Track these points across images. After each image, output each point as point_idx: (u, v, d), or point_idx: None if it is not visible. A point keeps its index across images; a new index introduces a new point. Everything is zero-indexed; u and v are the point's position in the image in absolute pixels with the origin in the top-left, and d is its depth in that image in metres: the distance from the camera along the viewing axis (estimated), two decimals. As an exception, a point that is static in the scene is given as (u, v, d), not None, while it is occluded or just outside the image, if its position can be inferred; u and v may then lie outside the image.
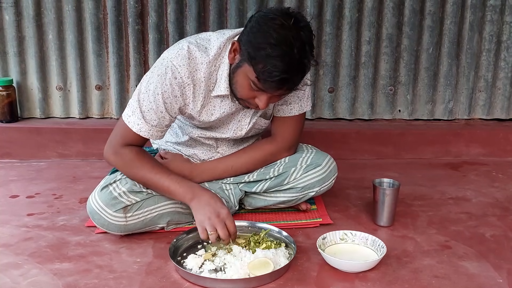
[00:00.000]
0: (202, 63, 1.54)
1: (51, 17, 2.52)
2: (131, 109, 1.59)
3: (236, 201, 1.76)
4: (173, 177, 1.59)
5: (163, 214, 1.65)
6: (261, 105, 1.48)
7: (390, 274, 1.44)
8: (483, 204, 1.99)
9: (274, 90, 1.44)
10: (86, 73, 2.61)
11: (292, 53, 1.36)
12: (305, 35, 1.39)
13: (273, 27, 1.37)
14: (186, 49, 1.53)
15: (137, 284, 1.38)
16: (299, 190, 1.73)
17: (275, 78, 1.37)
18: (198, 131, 1.74)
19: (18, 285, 1.37)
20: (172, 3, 2.52)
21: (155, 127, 1.59)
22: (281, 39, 1.35)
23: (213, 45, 1.56)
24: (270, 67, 1.36)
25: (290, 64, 1.36)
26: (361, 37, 2.62)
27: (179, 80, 1.54)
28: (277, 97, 1.52)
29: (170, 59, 1.53)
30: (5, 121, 2.54)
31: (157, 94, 1.54)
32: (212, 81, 1.58)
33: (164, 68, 1.54)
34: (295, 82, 1.44)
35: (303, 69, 1.42)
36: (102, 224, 1.59)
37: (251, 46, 1.40)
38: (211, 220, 1.48)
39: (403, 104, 2.73)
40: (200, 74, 1.55)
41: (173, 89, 1.54)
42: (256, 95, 1.48)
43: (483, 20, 2.64)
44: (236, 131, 1.71)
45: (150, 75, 1.57)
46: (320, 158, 1.74)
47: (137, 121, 1.57)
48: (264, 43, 1.36)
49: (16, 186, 2.14)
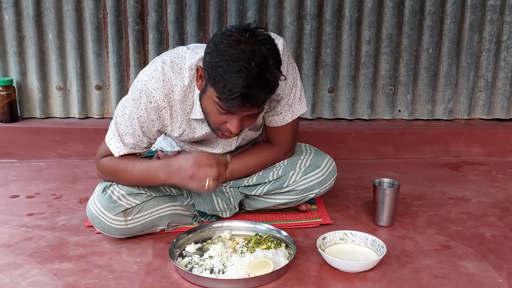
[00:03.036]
0: (176, 85, 1.50)
1: (51, 17, 2.52)
2: (111, 131, 1.59)
3: (236, 203, 1.75)
4: (144, 161, 1.57)
5: (163, 217, 1.64)
6: (232, 129, 1.41)
7: (390, 274, 1.44)
8: (483, 204, 1.99)
9: (239, 108, 1.35)
10: (86, 73, 2.61)
11: (249, 67, 1.28)
12: (266, 48, 1.32)
13: (229, 43, 1.31)
14: (160, 71, 1.49)
15: (137, 284, 1.38)
16: (299, 192, 1.72)
17: (235, 94, 1.30)
18: (189, 146, 1.72)
19: (18, 285, 1.37)
20: (172, 3, 2.52)
21: (134, 149, 1.59)
22: (238, 55, 1.29)
23: (187, 65, 1.51)
24: (229, 85, 1.29)
25: (249, 78, 1.29)
26: (361, 37, 2.62)
27: (154, 104, 1.50)
28: (249, 119, 1.44)
29: (144, 82, 1.49)
30: (5, 121, 2.54)
31: (133, 119, 1.52)
32: (188, 104, 1.54)
33: (139, 92, 1.50)
34: (260, 98, 1.35)
35: (267, 84, 1.33)
36: (102, 228, 1.58)
37: (209, 67, 1.34)
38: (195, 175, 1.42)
39: (403, 104, 2.73)
40: (175, 96, 1.51)
41: (149, 113, 1.52)
42: (226, 119, 1.42)
43: (483, 20, 2.64)
44: (225, 147, 1.70)
45: (126, 98, 1.55)
46: (319, 159, 1.73)
47: (117, 144, 1.58)
48: (221, 61, 1.30)
49: (16, 186, 2.14)
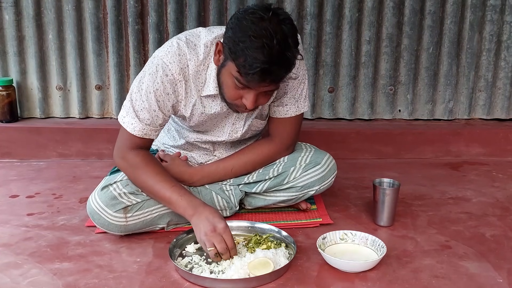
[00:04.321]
0: (190, 60, 1.54)
1: (51, 17, 2.52)
2: (125, 109, 1.59)
3: (236, 201, 1.76)
4: (176, 188, 1.55)
5: (163, 215, 1.64)
6: (248, 104, 1.45)
7: (390, 274, 1.44)
8: (483, 204, 1.99)
9: (257, 83, 1.40)
10: (86, 73, 2.61)
11: (271, 44, 1.33)
12: (287, 28, 1.37)
13: (252, 20, 1.35)
14: (176, 46, 1.53)
15: (137, 284, 1.38)
16: (299, 189, 1.73)
17: (256, 69, 1.34)
18: (194, 135, 1.73)
19: (18, 285, 1.37)
20: (172, 3, 2.52)
21: (149, 126, 1.58)
22: (260, 31, 1.33)
23: (202, 42, 1.55)
24: (250, 59, 1.33)
25: (271, 55, 1.33)
26: (361, 36, 2.62)
27: (170, 77, 1.53)
28: (264, 96, 1.48)
29: (161, 57, 1.53)
30: (5, 121, 2.54)
31: (149, 92, 1.54)
32: (201, 81, 1.57)
33: (155, 67, 1.53)
34: (278, 75, 1.40)
35: (286, 62, 1.38)
36: (102, 224, 1.59)
37: (231, 42, 1.39)
38: (208, 236, 1.44)
39: (403, 104, 2.73)
40: (190, 71, 1.55)
41: (165, 87, 1.54)
42: (242, 94, 1.46)
43: (483, 19, 2.64)
44: (231, 134, 1.71)
45: (142, 75, 1.57)
46: (319, 156, 1.74)
47: (131, 120, 1.57)
48: (244, 37, 1.35)
49: (16, 185, 2.14)
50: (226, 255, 1.44)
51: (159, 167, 1.61)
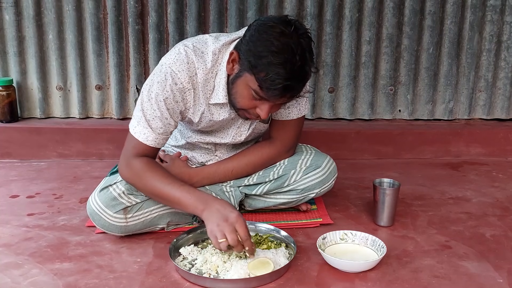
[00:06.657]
0: (199, 68, 1.53)
1: (51, 17, 2.52)
2: (136, 119, 1.57)
3: (236, 203, 1.75)
4: (185, 188, 1.53)
5: (163, 215, 1.65)
6: (262, 114, 1.47)
7: (390, 274, 1.44)
8: (483, 204, 1.99)
9: (277, 98, 1.42)
10: (86, 73, 2.61)
11: (294, 60, 1.35)
12: (305, 42, 1.39)
13: (274, 35, 1.36)
14: (184, 54, 1.52)
15: (137, 284, 1.38)
16: (299, 192, 1.73)
17: (278, 86, 1.36)
18: (197, 136, 1.73)
19: (18, 285, 1.37)
20: (172, 3, 2.52)
21: (161, 134, 1.57)
22: (283, 47, 1.35)
23: (209, 50, 1.54)
24: (272, 75, 1.35)
25: (293, 71, 1.36)
26: (361, 37, 2.62)
27: (179, 86, 1.52)
28: (278, 106, 1.51)
29: (169, 65, 1.52)
30: (5, 121, 2.54)
31: (160, 101, 1.53)
32: (209, 88, 1.57)
33: (164, 75, 1.52)
34: (298, 89, 1.43)
35: (305, 76, 1.41)
36: (102, 225, 1.58)
37: (251, 55, 1.39)
38: (220, 226, 1.39)
39: (403, 104, 2.73)
40: (198, 79, 1.54)
41: (174, 95, 1.53)
42: (257, 105, 1.47)
43: (483, 20, 2.64)
44: (235, 136, 1.71)
45: (150, 83, 1.55)
46: (320, 159, 1.74)
47: (143, 130, 1.55)
48: (266, 51, 1.35)
49: (16, 186, 2.14)
50: (238, 248, 1.38)
51: (164, 170, 1.59)
